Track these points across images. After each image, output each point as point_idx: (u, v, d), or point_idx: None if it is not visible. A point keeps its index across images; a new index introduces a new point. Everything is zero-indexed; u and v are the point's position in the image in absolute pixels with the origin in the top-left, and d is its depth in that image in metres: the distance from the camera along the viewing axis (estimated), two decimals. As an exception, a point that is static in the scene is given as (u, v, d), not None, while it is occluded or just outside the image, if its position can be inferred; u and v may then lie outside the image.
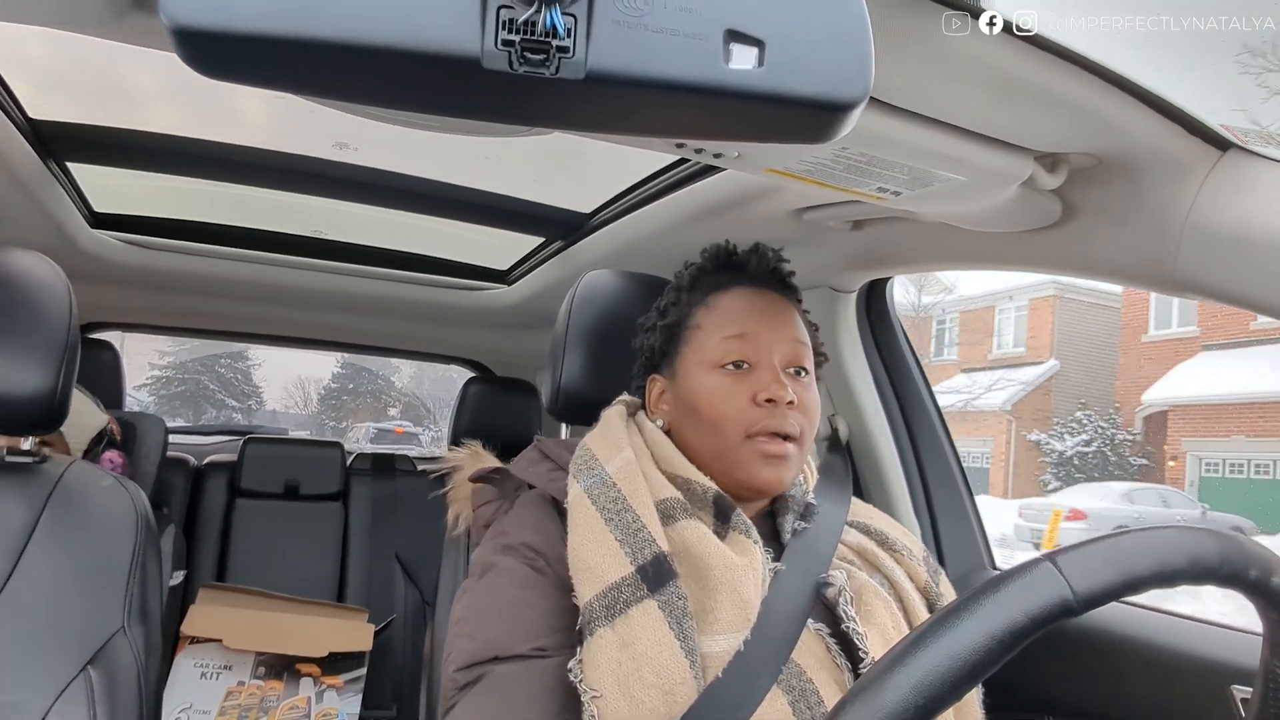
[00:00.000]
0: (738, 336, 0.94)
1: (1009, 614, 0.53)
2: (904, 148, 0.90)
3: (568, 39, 0.45)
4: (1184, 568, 0.57)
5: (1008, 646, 0.53)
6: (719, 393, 0.93)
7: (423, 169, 1.72)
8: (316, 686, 2.09)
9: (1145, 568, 0.56)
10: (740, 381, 0.92)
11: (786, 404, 0.91)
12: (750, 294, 0.98)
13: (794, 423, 0.91)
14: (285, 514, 2.54)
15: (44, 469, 1.07)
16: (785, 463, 0.91)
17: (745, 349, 0.94)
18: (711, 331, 0.96)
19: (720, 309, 0.97)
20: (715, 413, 0.92)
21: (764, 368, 0.93)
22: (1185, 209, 0.88)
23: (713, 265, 1.02)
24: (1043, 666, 1.01)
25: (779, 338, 0.95)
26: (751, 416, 0.91)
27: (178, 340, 14.40)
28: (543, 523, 0.92)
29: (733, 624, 0.81)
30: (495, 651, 0.82)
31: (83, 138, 1.57)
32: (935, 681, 0.51)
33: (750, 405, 0.91)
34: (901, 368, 1.65)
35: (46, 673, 0.93)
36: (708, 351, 0.95)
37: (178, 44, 0.44)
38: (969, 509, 1.61)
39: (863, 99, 0.49)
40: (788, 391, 0.90)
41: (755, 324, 0.95)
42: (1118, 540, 0.58)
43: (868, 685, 0.52)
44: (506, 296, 2.36)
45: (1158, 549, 0.58)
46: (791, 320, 0.97)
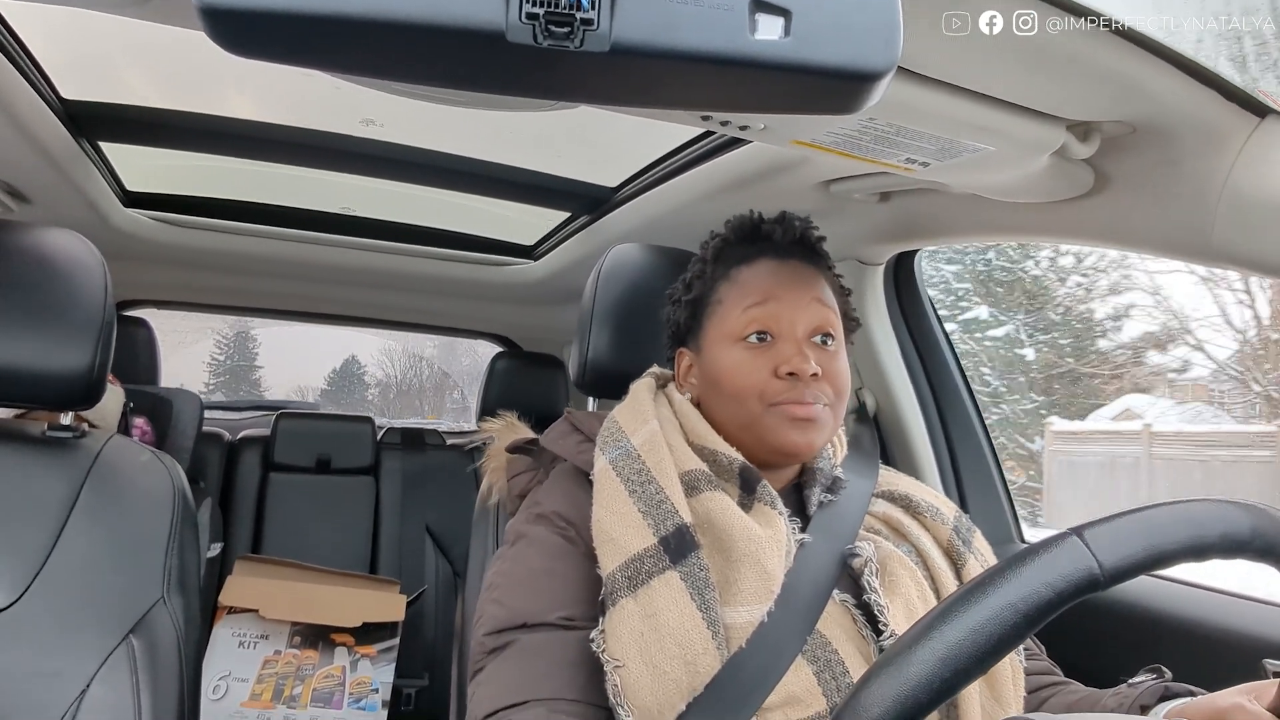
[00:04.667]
0: (759, 305, 0.93)
1: (1034, 588, 0.53)
2: (933, 118, 0.88)
3: (592, 11, 0.45)
4: (1215, 541, 0.57)
5: (1033, 621, 0.52)
6: (741, 366, 0.92)
7: (449, 144, 1.73)
8: (351, 655, 2.13)
9: (1174, 541, 0.56)
10: (762, 354, 0.91)
11: (810, 376, 0.89)
12: (774, 264, 0.96)
13: (817, 395, 0.90)
14: (318, 487, 2.58)
15: (83, 444, 1.09)
16: (814, 425, 0.90)
17: (766, 319, 0.92)
18: (733, 305, 0.95)
19: (742, 282, 0.96)
20: (737, 386, 0.91)
21: (786, 339, 0.91)
22: (1222, 178, 0.87)
23: (736, 237, 1.00)
24: (1072, 640, 1.01)
25: (802, 305, 0.93)
26: (773, 389, 0.90)
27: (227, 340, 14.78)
28: (575, 493, 0.93)
29: (755, 595, 0.81)
30: (524, 619, 0.83)
31: (115, 117, 1.59)
32: (960, 655, 0.51)
33: (772, 378, 0.90)
34: (930, 340, 1.63)
35: (89, 642, 0.96)
36: (729, 325, 0.94)
37: (206, 22, 0.44)
38: (997, 482, 1.60)
39: (891, 68, 0.48)
40: (810, 364, 0.89)
41: (778, 293, 0.93)
42: (1147, 513, 0.57)
43: (893, 658, 0.52)
44: (533, 271, 2.37)
45: (1188, 522, 0.57)
46: (817, 287, 0.95)
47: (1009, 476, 1.63)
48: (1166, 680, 0.79)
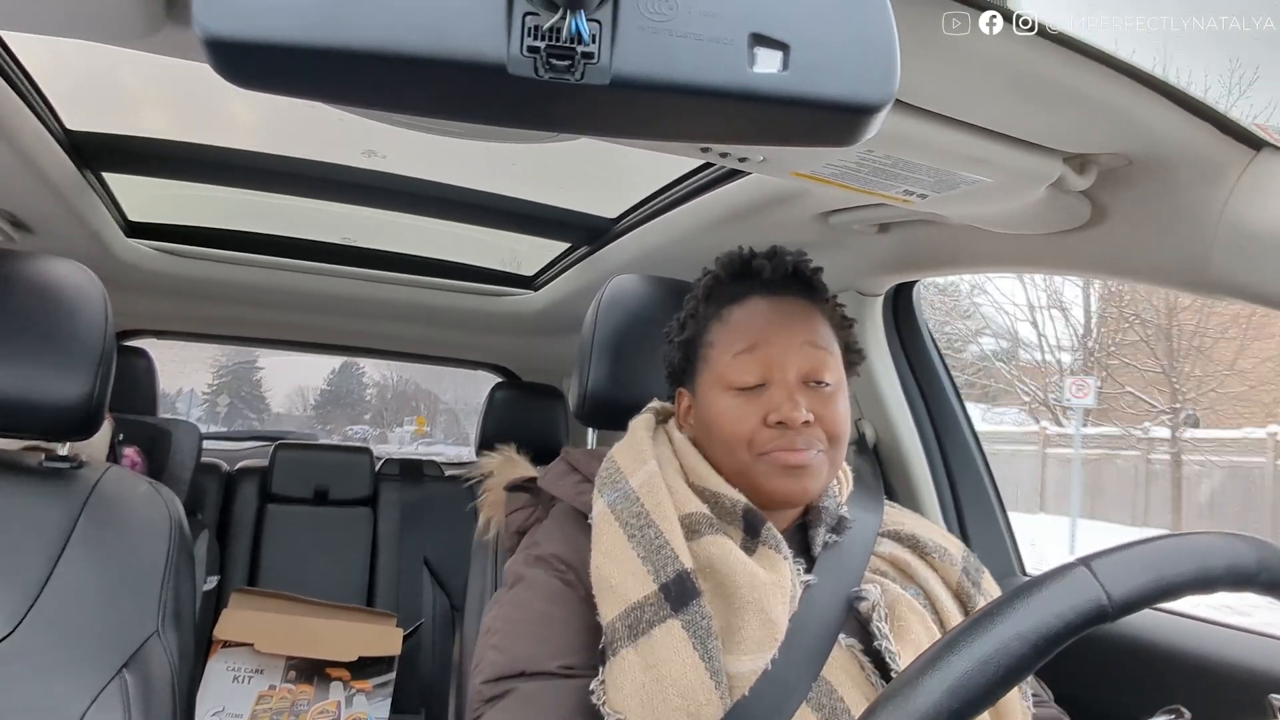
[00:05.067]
0: (748, 350, 0.90)
1: (1043, 618, 0.52)
2: (930, 150, 0.89)
3: (593, 45, 0.45)
4: (1221, 574, 0.56)
5: (1041, 651, 0.52)
6: (731, 414, 0.89)
7: (450, 175, 1.74)
8: (346, 690, 2.10)
9: (1182, 573, 0.55)
10: (752, 402, 0.89)
11: (801, 424, 0.87)
12: (765, 303, 0.93)
13: (809, 442, 0.88)
14: (315, 519, 2.56)
15: (80, 474, 1.08)
16: (807, 472, 0.87)
17: (757, 365, 0.90)
18: (724, 350, 0.92)
19: (732, 323, 0.93)
20: (726, 434, 0.89)
21: (777, 385, 0.89)
22: (1218, 210, 0.87)
23: (727, 275, 0.98)
24: (1075, 673, 1.00)
25: (793, 349, 0.90)
26: (763, 438, 0.87)
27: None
28: (573, 535, 0.90)
29: (759, 643, 0.78)
30: (522, 666, 0.81)
31: (118, 148, 1.60)
32: (967, 685, 0.50)
33: (761, 427, 0.88)
34: (929, 372, 1.63)
35: (82, 676, 0.94)
36: (721, 370, 0.92)
37: (211, 55, 0.44)
38: (998, 514, 1.59)
39: (888, 101, 0.48)
40: (801, 411, 0.86)
41: (767, 336, 0.91)
42: (1154, 545, 0.57)
43: (900, 689, 0.51)
44: (533, 302, 2.37)
45: (1195, 555, 0.56)
46: (811, 327, 0.92)
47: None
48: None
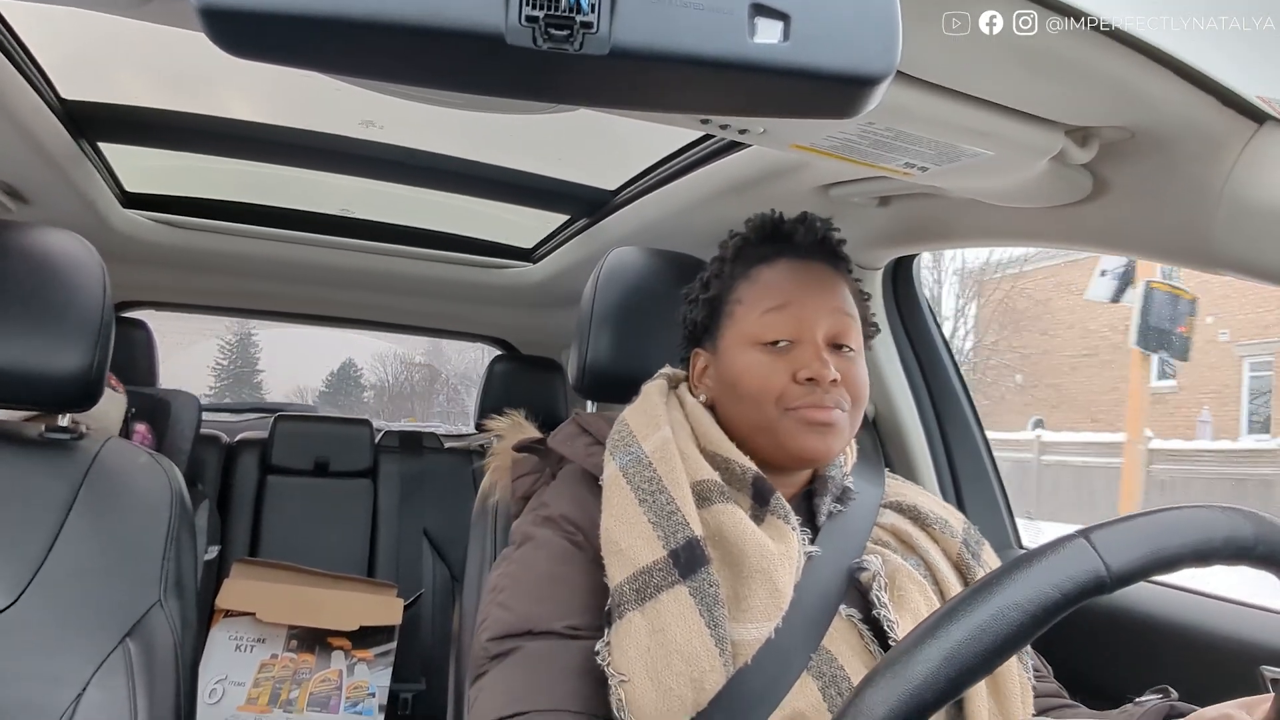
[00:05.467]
0: (778, 309, 0.91)
1: (1041, 589, 0.53)
2: (931, 122, 0.88)
3: (591, 14, 0.45)
4: (1219, 547, 0.57)
5: (1039, 621, 0.52)
6: (759, 370, 0.90)
7: (448, 147, 1.73)
8: (348, 660, 2.12)
9: (1180, 546, 0.56)
10: (781, 358, 0.89)
11: (830, 382, 0.87)
12: (795, 265, 0.94)
13: (837, 400, 0.88)
14: (315, 490, 2.57)
15: (81, 446, 1.09)
16: (832, 430, 0.88)
17: (787, 323, 0.90)
18: (752, 306, 0.93)
19: (762, 282, 0.94)
20: (755, 390, 0.89)
21: (806, 344, 0.89)
22: (1221, 183, 0.86)
23: (757, 236, 0.98)
24: (1070, 646, 1.01)
25: (823, 311, 0.91)
26: (792, 394, 0.88)
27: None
28: (583, 497, 0.91)
29: (765, 612, 0.79)
30: (529, 625, 0.82)
31: (114, 118, 1.59)
32: (965, 655, 0.51)
33: (791, 383, 0.88)
34: (928, 346, 1.63)
35: (85, 646, 0.95)
36: (748, 327, 0.92)
37: (205, 23, 0.44)
38: (995, 488, 1.60)
39: (889, 73, 0.48)
40: (830, 369, 0.87)
41: (798, 296, 0.91)
42: (1153, 517, 0.57)
43: (897, 658, 0.52)
44: (532, 274, 2.37)
45: (1193, 527, 0.57)
46: (838, 292, 0.93)
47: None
48: (1172, 700, 0.78)
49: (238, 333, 17.13)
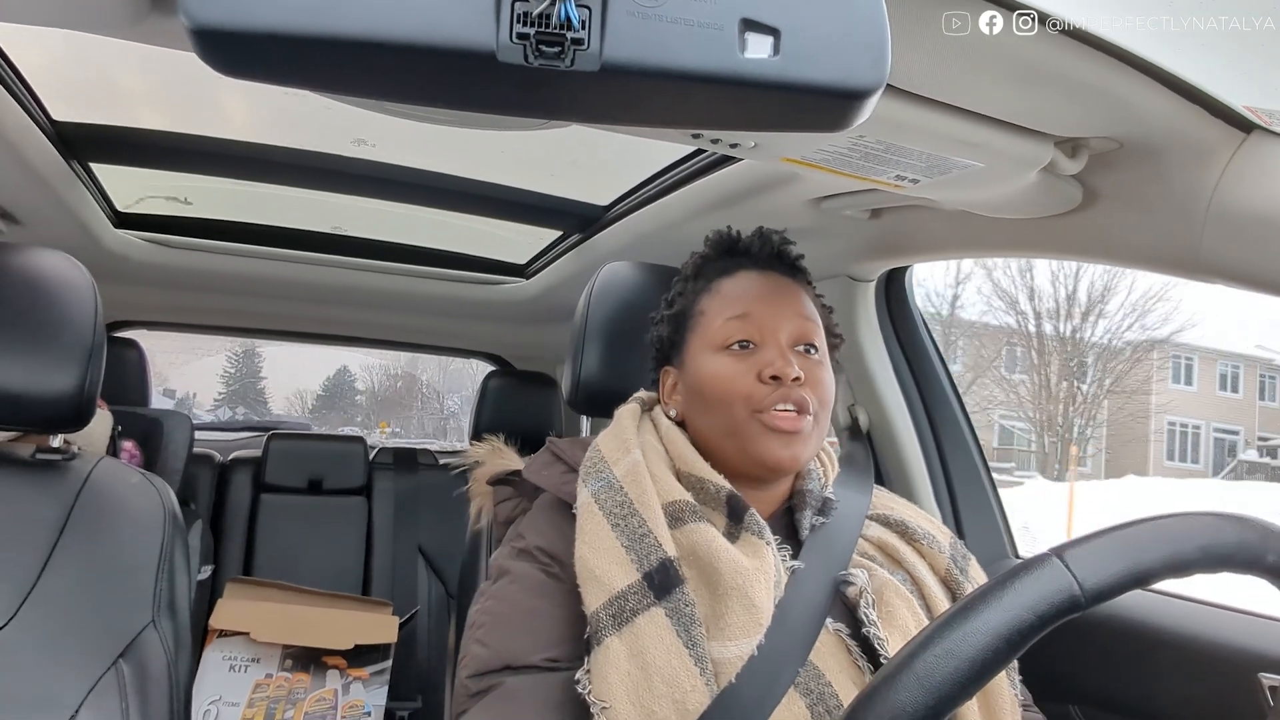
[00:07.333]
0: (740, 317, 0.92)
1: (1015, 613, 0.52)
2: (921, 134, 0.89)
3: (582, 31, 0.45)
4: (1196, 557, 0.56)
5: (1015, 646, 0.52)
6: (724, 372, 0.90)
7: (440, 164, 1.73)
8: (343, 679, 2.11)
9: (1155, 559, 0.55)
10: (745, 360, 0.90)
11: (793, 380, 0.88)
12: (754, 276, 0.96)
13: (802, 400, 0.88)
14: (309, 508, 2.56)
15: (73, 466, 1.08)
16: (799, 439, 0.88)
17: (749, 328, 0.92)
18: (715, 315, 0.94)
19: (723, 293, 0.95)
20: (721, 393, 0.90)
21: (769, 346, 0.90)
22: (1209, 193, 0.87)
23: (716, 252, 1.01)
24: (1067, 655, 1.01)
25: (784, 315, 0.92)
26: (759, 394, 0.88)
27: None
28: (559, 526, 0.90)
29: (744, 629, 0.79)
30: (507, 661, 0.82)
31: (105, 138, 1.59)
32: (943, 683, 0.51)
33: (756, 383, 0.88)
34: (922, 357, 1.63)
35: (78, 667, 0.95)
36: (712, 334, 0.93)
37: (197, 44, 0.44)
38: (991, 498, 1.60)
39: (879, 86, 0.48)
40: (793, 368, 0.88)
41: (759, 304, 0.93)
42: (1126, 531, 0.57)
43: (877, 687, 0.52)
44: (525, 290, 2.37)
45: (1168, 539, 0.56)
46: (799, 299, 0.95)
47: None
48: None
49: (244, 345, 18.71)
